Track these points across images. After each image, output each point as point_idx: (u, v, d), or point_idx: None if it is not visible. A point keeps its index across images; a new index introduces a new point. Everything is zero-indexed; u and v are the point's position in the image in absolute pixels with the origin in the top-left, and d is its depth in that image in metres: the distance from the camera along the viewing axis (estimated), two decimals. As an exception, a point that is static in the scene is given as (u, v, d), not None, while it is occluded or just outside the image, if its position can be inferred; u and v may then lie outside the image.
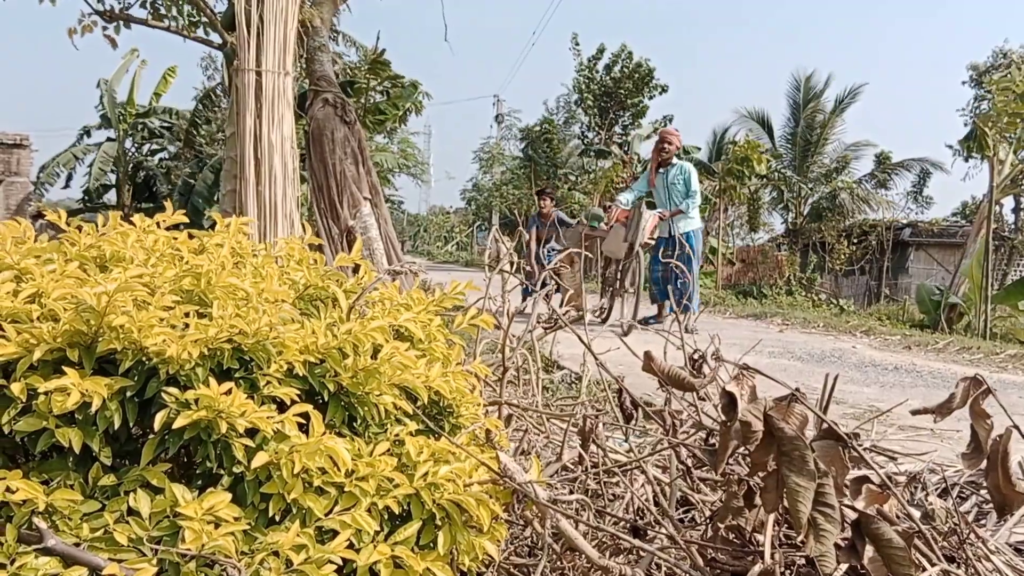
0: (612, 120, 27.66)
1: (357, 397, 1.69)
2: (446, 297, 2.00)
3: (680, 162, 9.76)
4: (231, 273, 1.73)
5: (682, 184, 9.65)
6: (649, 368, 1.55)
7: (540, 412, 2.23)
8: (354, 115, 6.72)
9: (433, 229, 60.37)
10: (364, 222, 6.41)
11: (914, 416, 1.58)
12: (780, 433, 1.26)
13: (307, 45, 6.55)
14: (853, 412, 5.10)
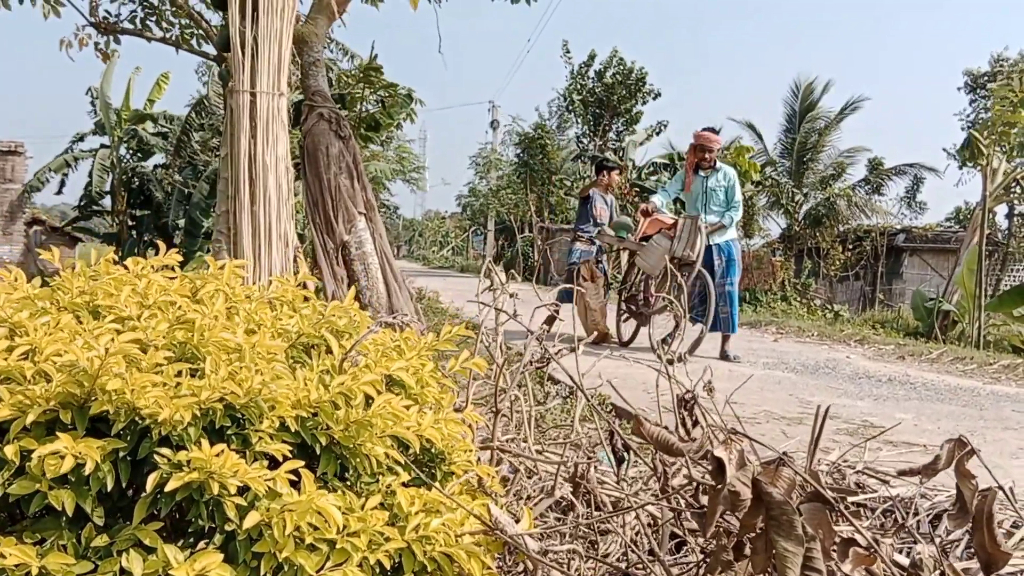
0: (606, 126, 27.68)
1: (349, 449, 1.71)
2: (440, 342, 2.01)
3: (724, 166, 8.60)
4: (224, 326, 1.74)
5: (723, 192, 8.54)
6: (638, 432, 1.56)
7: (532, 458, 2.24)
8: (349, 130, 6.72)
9: (428, 234, 60.33)
10: (359, 237, 6.41)
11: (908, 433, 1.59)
12: (768, 498, 1.28)
13: (301, 60, 6.55)
14: (847, 428, 5.11)
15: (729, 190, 8.51)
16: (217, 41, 6.26)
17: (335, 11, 6.59)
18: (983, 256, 12.15)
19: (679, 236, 7.96)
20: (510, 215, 33.22)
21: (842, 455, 3.28)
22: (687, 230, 7.97)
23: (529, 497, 2.34)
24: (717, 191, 8.51)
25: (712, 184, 8.51)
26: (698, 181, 8.49)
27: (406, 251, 64.22)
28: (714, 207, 8.50)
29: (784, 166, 27.11)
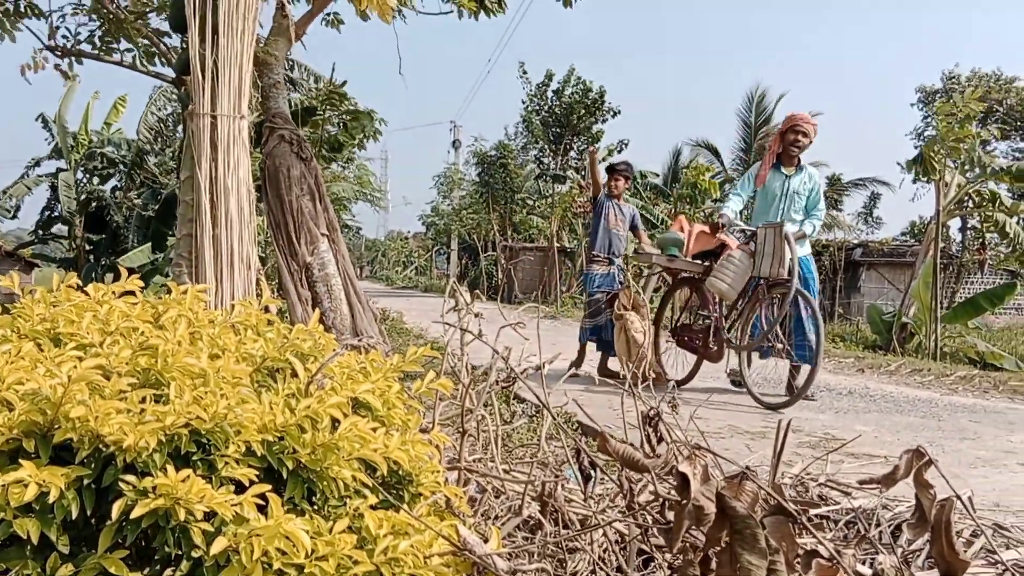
0: (567, 145, 27.86)
1: (316, 472, 1.70)
2: (405, 363, 2.02)
3: (808, 166, 7.15)
4: (188, 352, 1.74)
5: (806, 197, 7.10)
6: (604, 450, 1.58)
7: (499, 478, 2.25)
8: (310, 151, 6.71)
9: (391, 254, 60.17)
10: (322, 258, 6.39)
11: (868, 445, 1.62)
12: (733, 512, 1.30)
13: (262, 82, 6.54)
14: (809, 441, 5.17)
15: (813, 195, 7.13)
16: (176, 64, 6.23)
17: (295, 33, 6.59)
18: (938, 269, 12.37)
19: (762, 250, 6.58)
20: (473, 234, 33.25)
21: (805, 468, 3.32)
22: (770, 242, 6.54)
23: (497, 516, 2.34)
24: (800, 194, 7.08)
25: (796, 185, 7.07)
26: (778, 179, 7.04)
27: (369, 271, 63.99)
28: (795, 215, 7.06)
29: (742, 183, 27.37)
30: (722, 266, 6.82)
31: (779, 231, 6.43)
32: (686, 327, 7.70)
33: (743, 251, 6.76)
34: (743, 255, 6.73)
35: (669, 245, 7.50)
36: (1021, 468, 4.59)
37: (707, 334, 7.21)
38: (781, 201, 7.04)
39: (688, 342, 7.57)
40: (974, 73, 31.87)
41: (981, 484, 4.18)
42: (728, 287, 6.79)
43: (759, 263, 6.58)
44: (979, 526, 2.20)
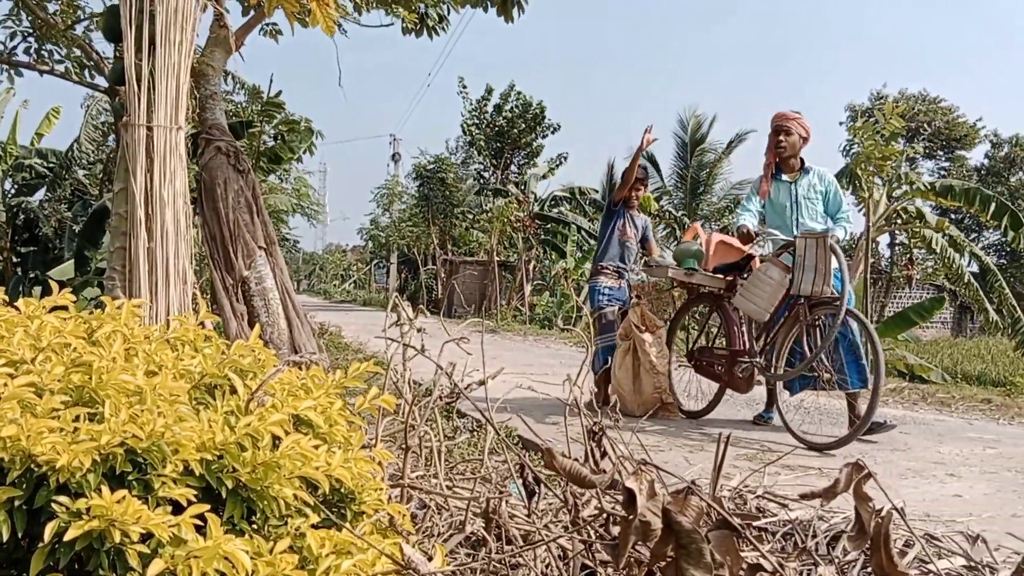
0: (507, 160, 27.99)
1: (257, 491, 1.67)
2: (347, 379, 2.00)
3: (816, 167, 6.46)
4: (123, 368, 1.69)
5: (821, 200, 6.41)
6: (551, 466, 1.58)
7: (442, 495, 2.23)
8: (248, 164, 6.62)
9: (330, 267, 59.65)
10: (259, 272, 6.29)
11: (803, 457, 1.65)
12: (679, 527, 1.31)
13: (199, 93, 6.44)
14: (746, 453, 5.25)
15: (830, 197, 6.43)
16: (111, 74, 6.10)
17: (232, 44, 6.51)
18: (868, 284, 12.69)
19: (801, 264, 5.71)
20: (413, 248, 33.15)
21: (743, 480, 3.37)
22: (812, 254, 5.68)
23: (440, 533, 2.33)
24: (812, 199, 6.40)
25: (804, 191, 6.40)
26: (783, 188, 6.40)
27: (307, 285, 63.36)
28: (812, 223, 6.31)
29: (679, 198, 27.86)
30: (753, 283, 5.96)
31: (823, 242, 5.62)
32: (706, 350, 6.76)
33: (776, 265, 5.87)
34: (777, 270, 5.86)
35: (687, 257, 6.73)
36: (950, 479, 4.71)
37: (733, 359, 6.31)
38: (792, 211, 6.39)
39: (708, 368, 6.67)
40: (901, 93, 32.92)
41: (912, 494, 4.28)
42: (759, 307, 5.93)
43: (798, 279, 5.69)
44: (913, 536, 2.25)
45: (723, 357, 6.49)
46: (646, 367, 6.54)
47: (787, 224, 6.33)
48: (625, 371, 6.70)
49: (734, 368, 6.24)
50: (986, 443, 4.86)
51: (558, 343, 15.54)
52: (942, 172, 35.10)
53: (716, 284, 6.64)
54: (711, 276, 6.64)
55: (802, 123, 6.41)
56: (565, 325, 19.49)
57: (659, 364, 6.59)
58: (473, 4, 7.18)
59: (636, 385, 6.63)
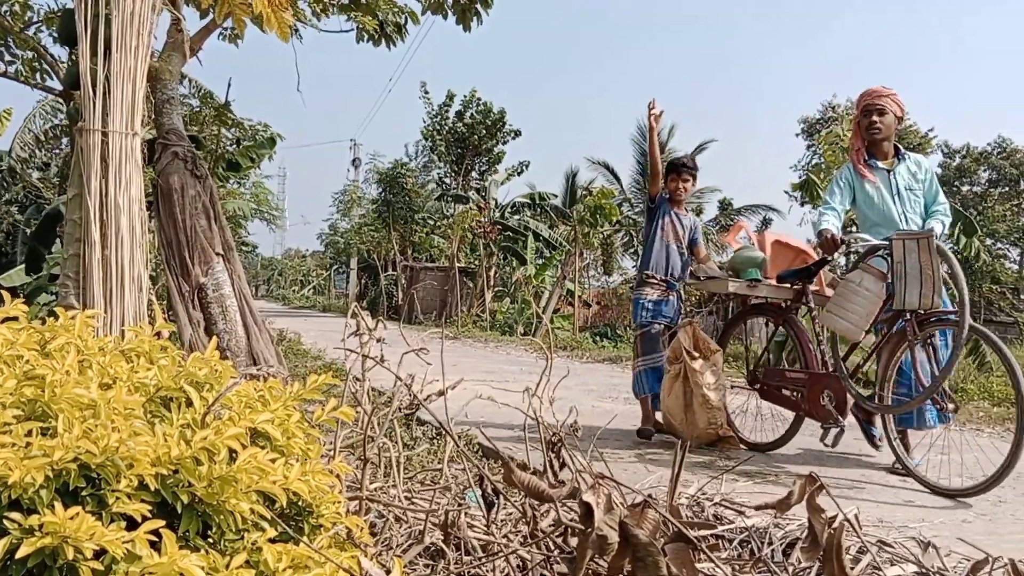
0: (468, 166, 28.00)
1: (213, 506, 1.65)
2: (306, 391, 1.99)
3: (911, 153, 5.60)
4: (77, 382, 1.67)
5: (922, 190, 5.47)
6: (509, 480, 1.58)
7: (400, 507, 2.23)
8: (205, 169, 6.55)
9: (289, 273, 59.21)
10: (217, 279, 6.23)
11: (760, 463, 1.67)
12: (635, 540, 1.32)
13: (155, 98, 6.36)
14: (704, 461, 5.30)
15: (931, 187, 5.50)
16: (66, 78, 6.01)
17: (191, 48, 6.44)
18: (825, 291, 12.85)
19: (902, 272, 4.71)
20: (373, 254, 33.02)
21: (700, 488, 3.40)
22: (915, 259, 4.68)
23: (399, 544, 2.32)
24: (915, 190, 5.45)
25: (904, 180, 5.44)
26: (879, 177, 5.42)
27: (265, 291, 62.84)
28: (917, 219, 5.42)
29: (640, 205, 28.08)
30: (844, 295, 5.00)
31: (926, 244, 4.65)
32: (775, 372, 5.79)
33: (871, 273, 4.95)
34: (872, 279, 4.93)
35: (750, 266, 5.81)
36: (902, 484, 4.79)
37: (814, 383, 5.31)
38: (895, 204, 5.39)
39: (778, 393, 5.68)
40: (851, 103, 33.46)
41: (866, 500, 4.35)
42: (852, 324, 4.96)
43: (900, 291, 4.73)
44: (864, 544, 2.29)
45: (800, 381, 5.45)
46: (698, 400, 5.46)
47: (891, 220, 5.35)
48: (675, 399, 5.62)
49: (816, 394, 5.24)
50: (938, 449, 4.95)
51: (519, 350, 15.57)
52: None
53: (783, 296, 5.71)
54: (777, 287, 5.69)
55: (897, 100, 5.46)
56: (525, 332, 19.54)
57: (714, 398, 5.45)
58: (433, 11, 7.18)
59: (688, 416, 5.57)
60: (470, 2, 7.27)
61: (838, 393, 5.17)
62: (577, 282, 21.21)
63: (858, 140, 5.53)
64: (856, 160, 5.50)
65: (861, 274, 4.99)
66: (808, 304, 5.59)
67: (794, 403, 5.53)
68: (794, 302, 5.69)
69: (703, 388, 5.44)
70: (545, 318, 16.90)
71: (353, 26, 7.52)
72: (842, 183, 5.48)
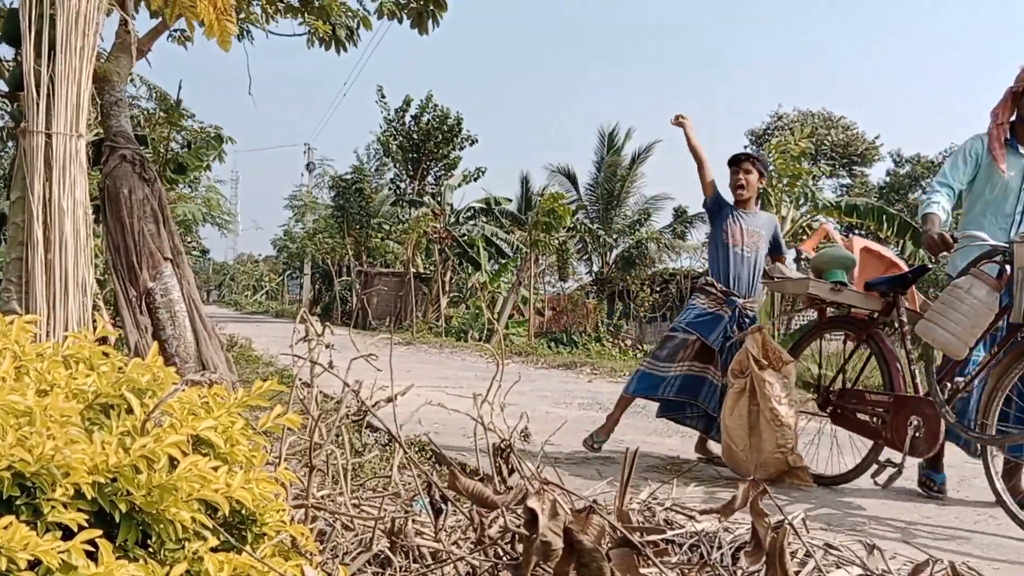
0: (424, 170, 27.95)
1: (152, 515, 1.62)
2: (251, 398, 1.95)
3: None
4: (12, 388, 1.63)
5: None
6: (454, 487, 1.58)
7: (348, 515, 2.20)
8: (154, 172, 6.45)
9: (241, 278, 58.54)
10: (165, 284, 6.13)
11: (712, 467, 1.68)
12: (580, 546, 1.32)
13: (102, 100, 6.25)
14: (657, 464, 5.33)
15: None
16: (10, 79, 5.88)
17: (139, 50, 6.34)
18: (776, 299, 13.03)
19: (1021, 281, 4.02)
20: (327, 259, 32.79)
21: (652, 492, 3.41)
22: None
23: (347, 553, 2.30)
24: None
25: None
26: (1013, 165, 4.63)
27: (217, 296, 62.10)
28: None
29: (595, 211, 28.25)
30: (948, 304, 4.28)
31: None
32: (853, 394, 5.05)
33: (982, 281, 4.23)
34: (983, 287, 4.21)
35: (837, 267, 5.09)
36: (850, 488, 4.85)
37: (900, 408, 4.61)
38: (1019, 200, 4.66)
39: (853, 418, 4.98)
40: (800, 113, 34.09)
41: (814, 504, 4.40)
42: (956, 338, 4.23)
43: (1020, 302, 4.00)
44: (808, 548, 2.31)
45: (883, 405, 4.77)
46: (767, 416, 4.76)
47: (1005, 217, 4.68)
48: (738, 419, 4.90)
49: (903, 420, 4.53)
50: (886, 453, 4.99)
51: (473, 356, 15.56)
52: (843, 189, 36.37)
53: (871, 306, 4.96)
54: (865, 295, 4.95)
55: None
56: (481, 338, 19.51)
57: (785, 414, 4.74)
58: (388, 16, 7.15)
59: (753, 440, 4.83)
60: (425, 6, 7.26)
61: (930, 420, 4.41)
62: (532, 288, 21.25)
63: (1006, 112, 4.65)
64: (996, 136, 4.65)
65: (971, 280, 4.25)
66: (900, 319, 4.76)
67: (873, 430, 4.81)
68: (881, 315, 4.90)
69: (771, 401, 4.73)
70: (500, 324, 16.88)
71: (306, 31, 7.47)
72: (969, 156, 4.70)
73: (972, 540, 3.85)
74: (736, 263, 5.43)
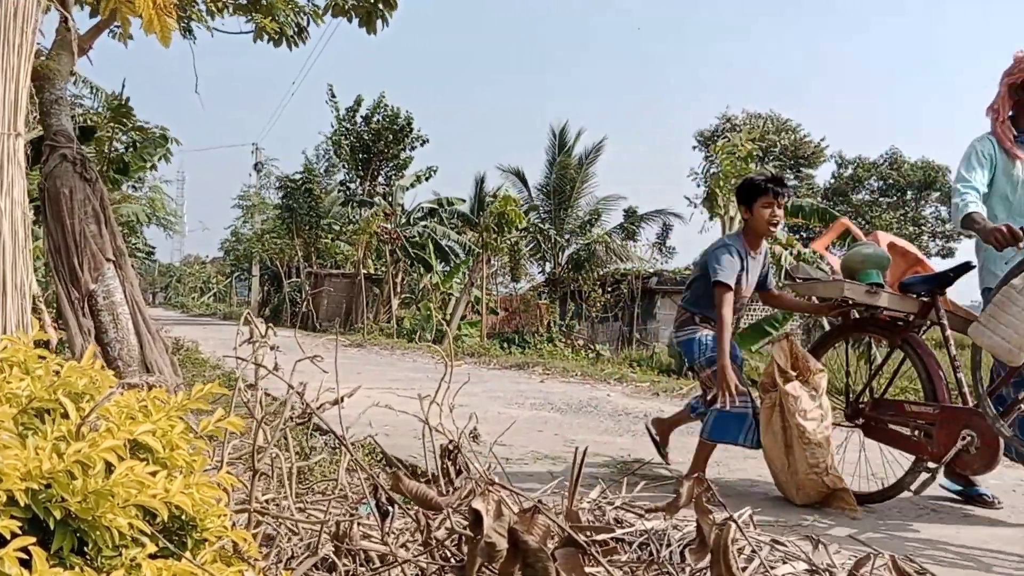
0: (375, 171, 27.79)
1: (88, 522, 1.58)
2: (191, 401, 1.91)
3: None
4: (-61, 393, 1.57)
5: None
6: (397, 489, 1.56)
7: (292, 519, 2.17)
8: (95, 172, 6.31)
9: (188, 280, 57.66)
10: (107, 286, 6.00)
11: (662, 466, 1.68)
12: (524, 547, 1.31)
13: (41, 98, 6.10)
14: (607, 463, 5.35)
15: None
16: (-58, 76, 5.70)
17: (80, 47, 6.20)
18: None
19: None
20: (276, 260, 32.43)
21: (602, 491, 3.42)
22: None
23: (292, 557, 2.26)
24: None
25: None
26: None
27: (163, 298, 61.13)
28: None
29: (546, 212, 28.31)
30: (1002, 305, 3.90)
31: None
32: (891, 405, 4.58)
33: None
34: None
35: (871, 267, 4.55)
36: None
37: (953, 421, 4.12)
38: None
39: (890, 432, 4.48)
40: (748, 115, 34.57)
41: (762, 500, 4.45)
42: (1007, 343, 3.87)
43: None
44: (754, 546, 2.33)
45: (926, 416, 4.29)
46: (795, 435, 4.27)
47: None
48: (773, 438, 4.42)
49: (951, 434, 4.08)
50: (835, 449, 4.93)
51: (425, 357, 15.50)
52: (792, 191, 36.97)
53: (907, 308, 4.50)
54: (902, 297, 4.51)
55: None
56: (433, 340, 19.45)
57: (813, 431, 4.24)
58: (335, 14, 7.08)
59: (790, 460, 4.35)
60: (374, 5, 7.20)
61: (985, 435, 3.97)
62: (484, 289, 21.23)
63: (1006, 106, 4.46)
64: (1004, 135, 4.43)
65: None
66: (941, 322, 4.35)
67: (915, 445, 4.31)
68: (918, 317, 4.48)
69: (796, 417, 4.26)
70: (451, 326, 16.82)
71: (252, 27, 7.35)
72: (983, 156, 4.43)
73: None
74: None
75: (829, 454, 4.26)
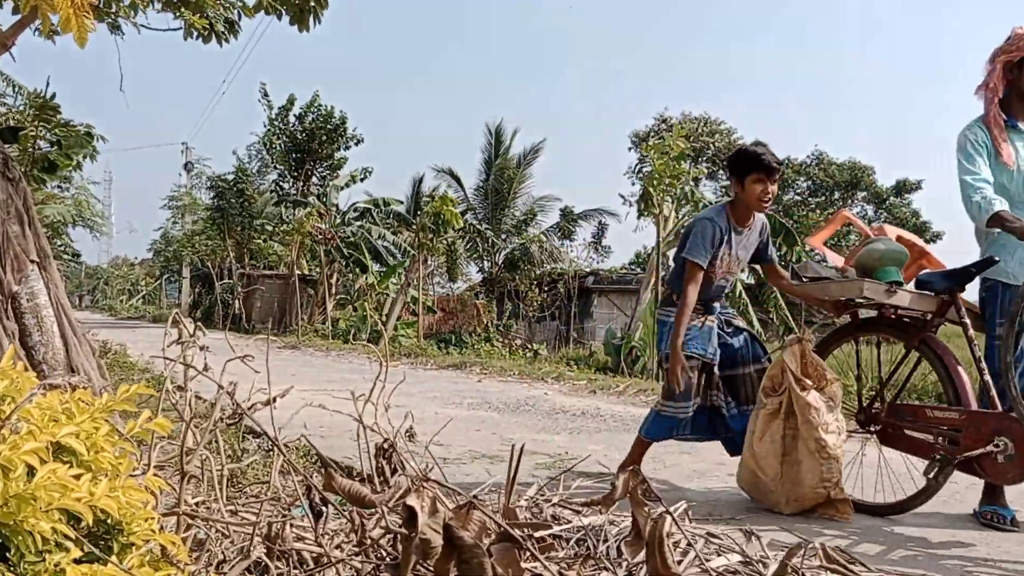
0: (308, 171, 27.50)
1: (9, 527, 1.52)
2: (116, 402, 1.86)
3: None
4: None
5: None
6: (330, 487, 1.54)
7: (223, 521, 2.13)
8: (18, 171, 6.12)
9: (116, 282, 56.34)
10: (31, 288, 5.82)
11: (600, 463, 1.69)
12: (460, 543, 1.30)
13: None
14: (545, 462, 5.37)
15: None
16: None
17: (2, 44, 6.01)
18: (659, 296, 13.37)
19: None
20: (207, 262, 31.85)
21: (539, 489, 3.42)
22: None
23: (224, 561, 2.22)
24: None
25: None
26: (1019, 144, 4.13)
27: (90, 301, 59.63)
28: None
29: (483, 212, 28.33)
30: None
31: None
32: (910, 409, 4.26)
33: None
34: None
35: (889, 264, 4.25)
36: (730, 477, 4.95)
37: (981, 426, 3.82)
38: None
39: (910, 439, 4.15)
40: (684, 116, 35.03)
41: (697, 495, 4.51)
42: None
43: None
44: (689, 539, 2.35)
45: (950, 422, 3.97)
46: (810, 447, 3.99)
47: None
48: (770, 445, 4.14)
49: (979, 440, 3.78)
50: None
51: (361, 358, 15.37)
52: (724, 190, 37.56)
53: (925, 307, 4.19)
54: (920, 296, 4.17)
55: None
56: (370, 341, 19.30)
57: (833, 445, 3.97)
58: (266, 11, 6.97)
59: (787, 469, 4.09)
60: (306, 2, 7.10)
61: (1020, 440, 3.66)
62: (421, 289, 21.15)
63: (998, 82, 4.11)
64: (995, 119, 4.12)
65: None
66: (963, 321, 4.06)
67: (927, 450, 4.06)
68: (936, 316, 4.19)
69: (818, 430, 3.95)
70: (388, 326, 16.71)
71: (181, 25, 7.20)
72: (980, 146, 4.11)
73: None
74: (707, 290, 4.47)
75: (840, 468, 4.02)
